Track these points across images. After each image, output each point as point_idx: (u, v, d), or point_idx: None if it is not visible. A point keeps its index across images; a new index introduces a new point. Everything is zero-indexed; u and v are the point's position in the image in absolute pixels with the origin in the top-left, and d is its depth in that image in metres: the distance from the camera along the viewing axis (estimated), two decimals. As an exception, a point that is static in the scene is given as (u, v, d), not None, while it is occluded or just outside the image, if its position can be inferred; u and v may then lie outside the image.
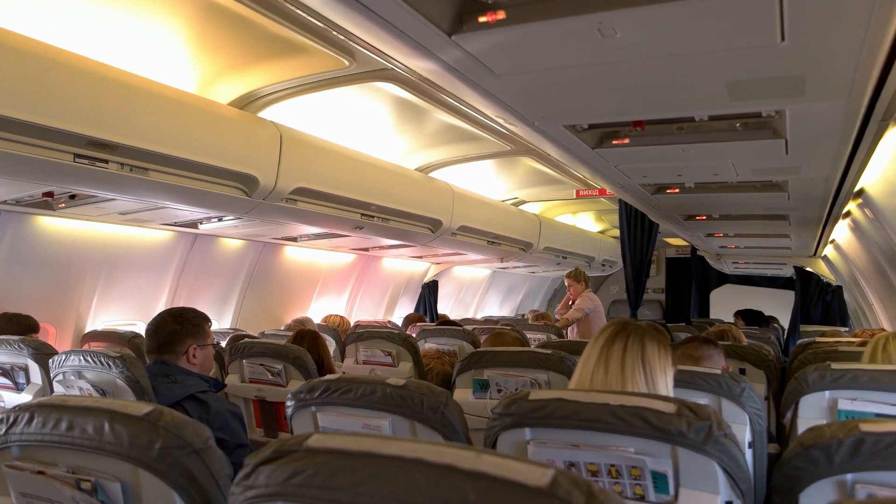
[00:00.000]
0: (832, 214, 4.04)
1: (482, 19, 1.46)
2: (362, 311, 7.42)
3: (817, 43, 1.50)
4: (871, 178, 3.17)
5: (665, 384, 1.79)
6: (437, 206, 5.44)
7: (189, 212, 4.12)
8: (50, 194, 3.49)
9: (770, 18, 1.36)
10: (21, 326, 3.60)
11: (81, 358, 2.54)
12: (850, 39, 1.45)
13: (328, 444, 0.82)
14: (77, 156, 2.90)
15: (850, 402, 2.17)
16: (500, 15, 1.44)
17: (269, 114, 3.85)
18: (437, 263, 8.26)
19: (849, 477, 1.29)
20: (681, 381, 2.18)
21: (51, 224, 4.18)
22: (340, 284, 7.07)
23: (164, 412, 1.09)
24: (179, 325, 2.53)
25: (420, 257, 7.67)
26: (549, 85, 1.90)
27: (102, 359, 2.47)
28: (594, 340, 1.86)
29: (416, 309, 8.09)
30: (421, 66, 1.72)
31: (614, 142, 2.50)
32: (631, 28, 1.45)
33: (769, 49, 1.52)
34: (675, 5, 1.32)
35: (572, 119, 2.31)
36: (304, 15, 2.67)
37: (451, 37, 1.52)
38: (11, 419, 1.19)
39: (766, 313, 7.82)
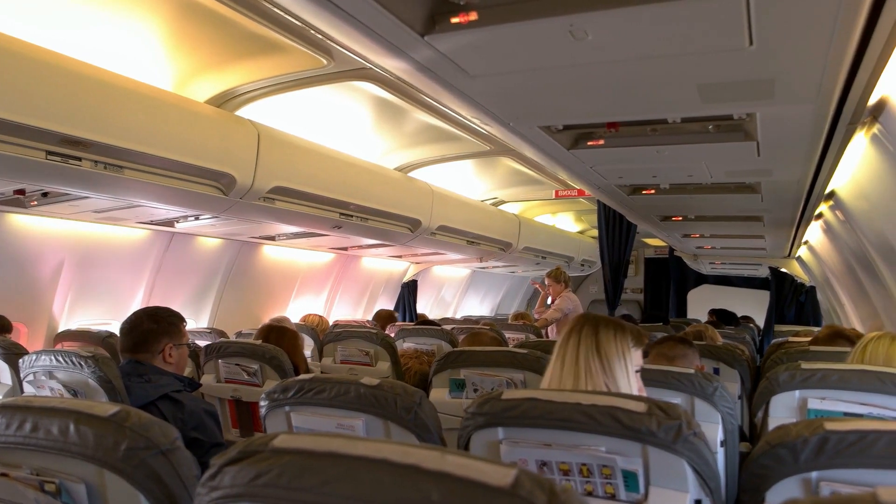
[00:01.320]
0: (805, 216, 4.11)
1: (454, 20, 1.47)
2: (341, 310, 7.40)
3: (784, 47, 1.53)
4: (842, 181, 3.23)
5: (624, 370, 1.78)
6: (416, 205, 5.44)
7: (165, 210, 4.08)
8: (21, 192, 3.43)
9: (738, 23, 1.38)
10: None
11: (52, 358, 2.50)
12: (816, 44, 1.47)
13: (294, 444, 0.82)
14: (49, 153, 2.86)
15: (820, 401, 2.20)
16: (472, 16, 1.45)
17: (246, 112, 3.83)
18: (417, 263, 8.26)
19: (814, 475, 1.31)
20: (654, 380, 2.21)
21: (23, 222, 4.11)
22: (319, 284, 7.04)
23: (130, 412, 1.08)
24: (156, 324, 2.52)
25: (399, 257, 7.66)
26: (523, 86, 1.91)
27: (74, 359, 2.44)
28: (556, 342, 1.89)
29: (396, 308, 8.08)
30: (395, 65, 1.73)
31: (589, 143, 2.52)
32: (602, 30, 1.46)
33: (738, 53, 1.54)
34: (645, 8, 1.33)
35: (547, 120, 2.32)
36: (281, 13, 2.66)
37: (423, 37, 1.52)
38: (-25, 421, 1.17)
39: (743, 313, 7.93)
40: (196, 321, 5.55)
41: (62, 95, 2.73)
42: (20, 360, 2.64)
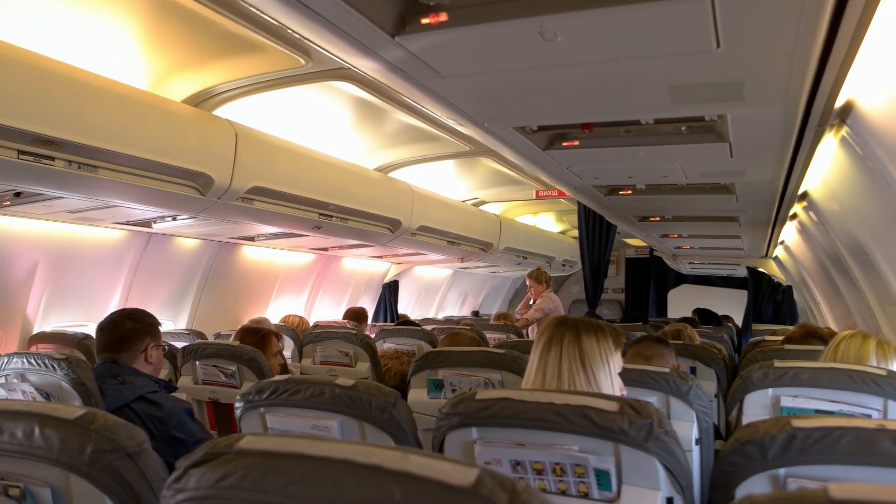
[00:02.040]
0: (779, 216, 4.17)
1: (424, 21, 1.47)
2: (322, 311, 7.37)
3: (751, 50, 1.55)
4: (814, 182, 3.28)
5: (608, 376, 1.80)
6: (397, 205, 5.43)
7: (142, 210, 4.04)
8: (-7, 192, 3.38)
9: (704, 25, 1.40)
10: None
11: (24, 360, 2.47)
12: (781, 47, 1.50)
13: (258, 445, 0.82)
14: (21, 152, 2.82)
15: (792, 399, 2.23)
16: (443, 17, 1.45)
17: (224, 112, 3.80)
18: (398, 263, 8.25)
19: (781, 471, 1.33)
20: (631, 379, 2.22)
21: (-5, 222, 4.05)
22: (299, 284, 7.01)
23: (96, 415, 1.07)
24: (138, 324, 2.55)
25: (380, 257, 7.65)
26: (495, 87, 1.92)
27: (47, 361, 2.41)
28: (535, 344, 1.88)
29: (377, 309, 8.07)
30: (367, 65, 1.73)
31: (564, 143, 2.54)
32: (572, 32, 1.48)
33: (706, 55, 1.56)
34: (613, 10, 1.35)
35: (521, 121, 2.34)
36: (258, 13, 2.64)
37: (394, 38, 1.53)
38: (-62, 425, 1.16)
39: (722, 312, 8.01)
40: (174, 322, 5.50)
41: (34, 94, 2.69)
42: (-9, 363, 2.60)
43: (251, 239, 5.58)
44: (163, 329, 2.81)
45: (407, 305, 9.08)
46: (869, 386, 2.04)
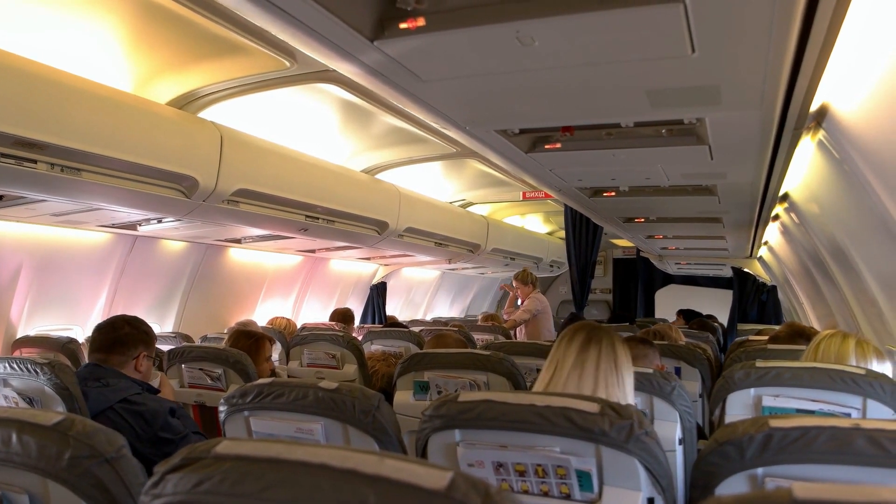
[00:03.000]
0: (762, 217, 4.21)
1: (403, 26, 1.48)
2: (310, 313, 7.35)
3: (725, 54, 1.57)
4: (794, 184, 3.31)
5: (631, 385, 1.92)
6: (384, 207, 5.44)
7: (127, 213, 4.02)
8: (-26, 195, 3.36)
9: (679, 31, 1.41)
10: None
11: (6, 365, 2.45)
12: (754, 51, 1.52)
13: (235, 450, 0.82)
14: (2, 155, 2.80)
15: (774, 398, 2.26)
16: (420, 22, 1.46)
17: (209, 114, 3.79)
18: (386, 265, 8.24)
19: (759, 471, 1.35)
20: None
21: (-23, 226, 4.02)
22: (287, 286, 6.99)
23: (74, 421, 1.07)
24: (135, 330, 2.57)
25: (368, 259, 7.64)
26: (475, 91, 1.94)
27: (29, 366, 2.39)
28: (565, 345, 1.91)
29: (365, 310, 8.06)
30: (347, 69, 1.74)
31: (546, 146, 2.56)
32: (548, 37, 1.49)
33: (682, 60, 1.58)
34: (588, 16, 1.36)
35: (502, 124, 2.35)
36: (242, 15, 2.64)
37: (373, 42, 1.53)
38: (-84, 432, 1.15)
39: (709, 312, 8.07)
40: (161, 326, 5.47)
41: (15, 96, 2.67)
42: (-28, 368, 2.58)
43: (238, 241, 5.56)
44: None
45: (395, 307, 9.07)
46: (848, 385, 2.07)
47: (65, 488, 1.03)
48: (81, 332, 4.72)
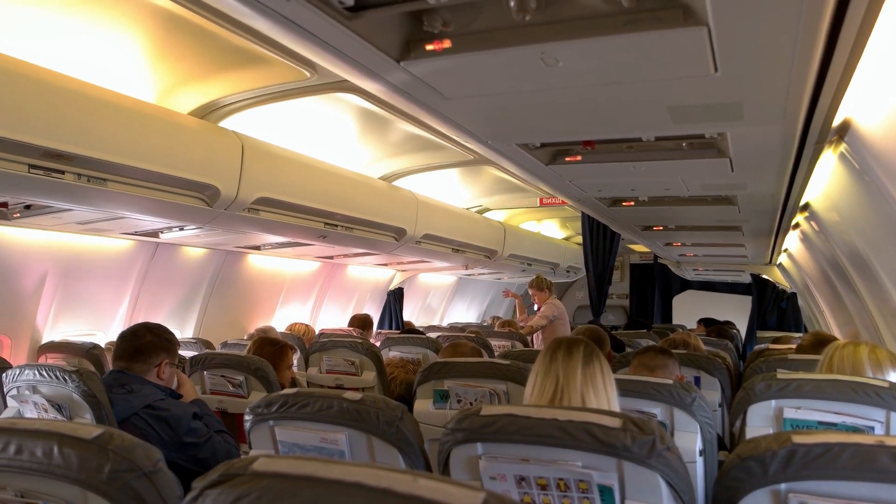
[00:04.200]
0: (782, 226, 4.18)
1: (429, 47, 1.50)
2: (327, 318, 7.40)
3: (748, 73, 1.58)
4: (814, 194, 3.30)
5: (614, 395, 1.92)
6: (401, 214, 5.47)
7: (150, 221, 4.08)
8: (4, 204, 3.43)
9: (702, 52, 1.43)
10: None
11: (36, 372, 2.50)
12: (778, 69, 1.53)
13: (273, 467, 0.85)
14: (32, 167, 2.86)
15: (795, 410, 2.25)
16: (447, 44, 1.49)
17: (230, 123, 3.83)
18: (403, 271, 8.27)
19: (783, 486, 1.35)
20: (634, 391, 2.25)
21: (6, 233, 4.09)
22: (305, 292, 7.04)
23: (113, 435, 1.10)
24: (157, 338, 2.60)
25: (385, 265, 7.68)
26: (499, 107, 1.96)
27: (58, 373, 2.44)
28: (563, 357, 1.92)
29: (382, 316, 8.09)
30: (372, 87, 1.76)
31: (567, 159, 2.57)
32: (572, 58, 1.51)
33: (704, 79, 1.60)
34: (613, 38, 1.38)
35: (524, 138, 2.37)
36: (274, 38, 2.67)
37: (399, 63, 1.56)
38: (-41, 442, 1.19)
39: (726, 318, 8.02)
40: (181, 331, 5.53)
41: (44, 109, 2.73)
42: (3, 375, 2.64)
43: (257, 248, 5.62)
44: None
45: (412, 312, 9.10)
46: (871, 398, 2.05)
47: (104, 500, 1.06)
48: (104, 337, 4.80)
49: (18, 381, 2.56)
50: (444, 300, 10.09)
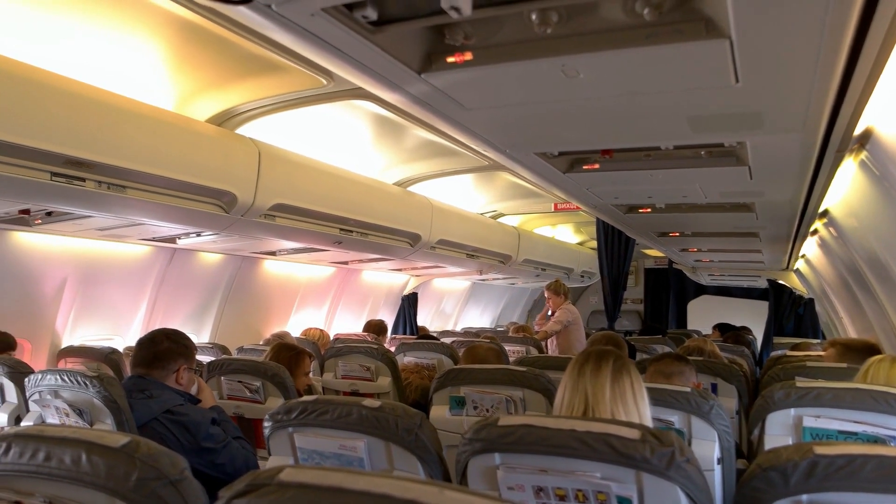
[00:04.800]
0: (800, 232, 4.15)
1: (450, 60, 1.52)
2: (342, 323, 7.43)
3: (769, 84, 1.58)
4: (834, 201, 3.27)
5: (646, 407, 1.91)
6: (416, 220, 5.48)
7: (167, 228, 4.12)
8: (26, 211, 3.48)
9: (723, 63, 1.43)
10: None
11: (58, 377, 2.53)
12: (799, 80, 1.52)
13: (299, 478, 0.86)
14: (54, 174, 2.91)
15: (815, 419, 2.23)
16: (468, 56, 1.50)
17: (247, 130, 3.87)
18: (417, 276, 8.29)
19: (804, 497, 1.34)
20: (652, 398, 2.23)
21: (27, 239, 4.15)
22: (320, 297, 7.07)
23: (140, 443, 1.11)
24: (174, 344, 2.63)
25: (399, 270, 7.70)
26: (518, 118, 1.97)
27: (79, 378, 2.47)
28: (592, 371, 1.90)
29: (396, 321, 8.11)
30: (392, 97, 1.78)
31: (585, 167, 2.57)
32: (593, 70, 1.52)
33: (725, 90, 1.59)
34: (634, 51, 1.38)
35: (542, 147, 2.38)
36: (297, 51, 2.70)
37: (420, 75, 1.58)
38: (-12, 449, 1.21)
39: (742, 324, 7.97)
40: (198, 336, 5.58)
41: (66, 117, 2.77)
42: (26, 380, 2.67)
43: (273, 254, 5.65)
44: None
45: (426, 317, 9.11)
46: (892, 407, 2.04)
47: (131, 508, 1.07)
48: (122, 342, 4.85)
49: (40, 386, 2.59)
50: (458, 305, 10.09)
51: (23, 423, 2.86)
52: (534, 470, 1.49)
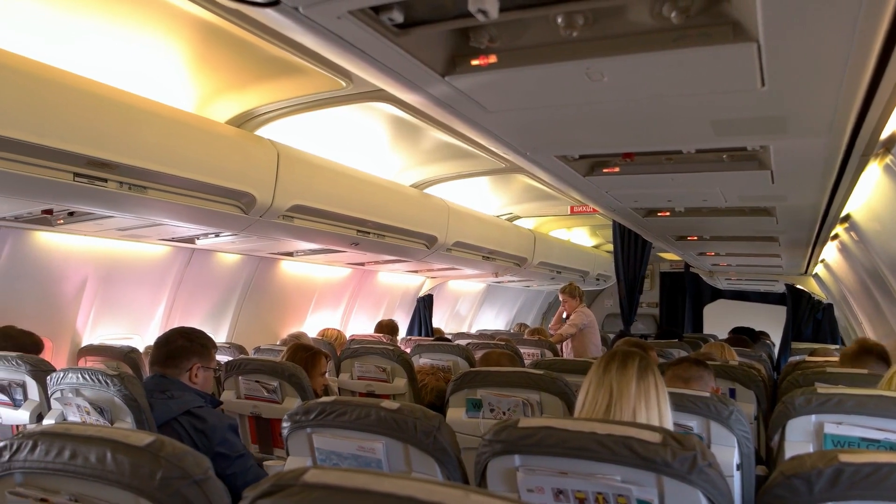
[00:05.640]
0: (820, 237, 4.11)
1: (474, 63, 1.52)
2: (357, 324, 7.45)
3: (796, 88, 1.56)
4: (856, 205, 3.24)
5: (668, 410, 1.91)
6: (433, 222, 5.49)
7: (187, 228, 4.16)
8: (49, 211, 3.52)
9: (750, 67, 1.41)
10: (27, 345, 3.55)
11: (79, 376, 2.56)
12: (827, 84, 1.51)
13: (324, 479, 0.86)
14: (77, 175, 2.94)
15: (836, 426, 2.20)
16: (492, 59, 1.50)
17: (266, 132, 3.89)
18: (433, 277, 8.30)
19: (829, 506, 1.33)
20: (671, 403, 2.22)
21: (49, 239, 4.20)
22: (336, 298, 7.10)
23: (164, 442, 1.12)
24: (188, 343, 2.63)
25: (415, 272, 7.71)
26: (540, 120, 1.96)
27: (100, 377, 2.49)
28: (617, 370, 1.90)
29: (411, 323, 8.12)
30: (415, 100, 1.78)
31: (605, 170, 2.57)
32: (618, 73, 1.51)
33: (750, 93, 1.58)
34: (660, 54, 1.38)
35: (563, 150, 2.37)
36: (322, 54, 2.71)
37: (444, 77, 1.58)
38: (15, 446, 1.23)
39: (759, 329, 7.89)
40: (215, 336, 5.60)
41: (88, 118, 2.81)
42: (48, 378, 2.71)
43: (290, 254, 5.68)
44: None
45: (441, 319, 9.11)
46: (917, 414, 2.01)
47: (156, 507, 1.08)
48: (141, 341, 4.89)
49: (62, 384, 2.62)
50: (473, 307, 10.09)
51: (44, 421, 2.89)
52: (554, 472, 1.49)
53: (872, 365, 3.02)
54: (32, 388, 3.01)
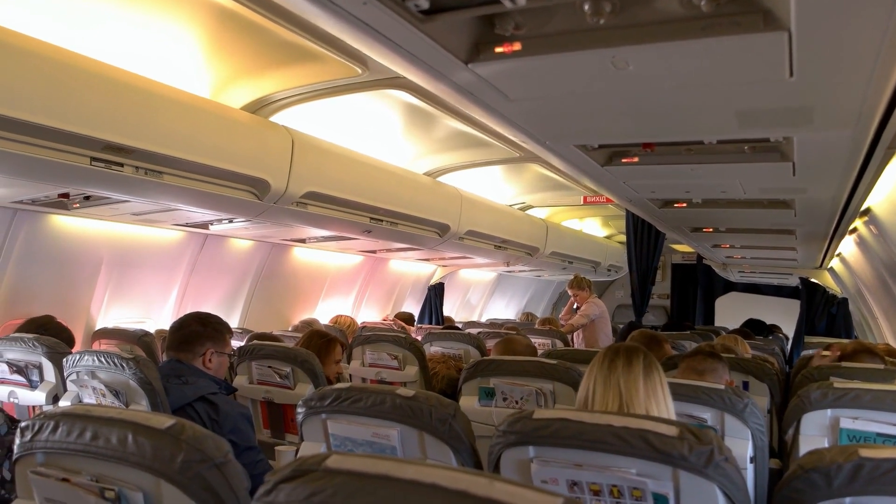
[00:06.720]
0: (838, 230, 4.06)
1: (498, 50, 1.50)
2: (369, 311, 7.47)
3: (825, 78, 1.54)
4: (878, 199, 3.19)
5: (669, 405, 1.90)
6: (445, 210, 5.48)
7: (201, 213, 4.17)
8: (66, 195, 3.54)
9: (779, 57, 1.39)
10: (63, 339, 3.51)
11: (95, 358, 2.58)
12: (856, 75, 1.48)
13: (347, 465, 0.86)
14: (94, 159, 2.95)
15: (852, 420, 2.19)
16: (517, 46, 1.48)
17: (281, 118, 3.89)
18: (444, 266, 8.30)
19: (847, 501, 1.32)
20: (685, 395, 2.22)
21: (64, 223, 4.23)
22: (347, 285, 7.11)
23: (185, 426, 1.13)
24: (202, 327, 2.64)
25: (427, 260, 7.71)
26: (562, 109, 1.94)
27: (116, 360, 2.51)
28: (623, 366, 1.89)
29: (422, 311, 8.14)
30: (436, 87, 1.77)
31: (623, 160, 2.54)
32: (644, 62, 1.49)
33: (778, 83, 1.55)
34: (688, 43, 1.36)
35: (583, 140, 2.35)
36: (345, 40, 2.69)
37: (467, 65, 1.56)
38: (37, 426, 1.24)
39: (772, 322, 7.84)
40: (227, 321, 5.63)
41: (106, 103, 2.81)
42: (64, 360, 2.73)
43: (303, 241, 5.70)
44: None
45: (451, 308, 9.13)
46: (933, 410, 1.99)
47: (177, 489, 1.09)
48: (154, 325, 4.93)
49: (78, 367, 2.64)
50: (483, 296, 10.09)
51: (60, 403, 2.92)
52: (568, 464, 1.48)
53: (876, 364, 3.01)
54: (49, 369, 3.04)
